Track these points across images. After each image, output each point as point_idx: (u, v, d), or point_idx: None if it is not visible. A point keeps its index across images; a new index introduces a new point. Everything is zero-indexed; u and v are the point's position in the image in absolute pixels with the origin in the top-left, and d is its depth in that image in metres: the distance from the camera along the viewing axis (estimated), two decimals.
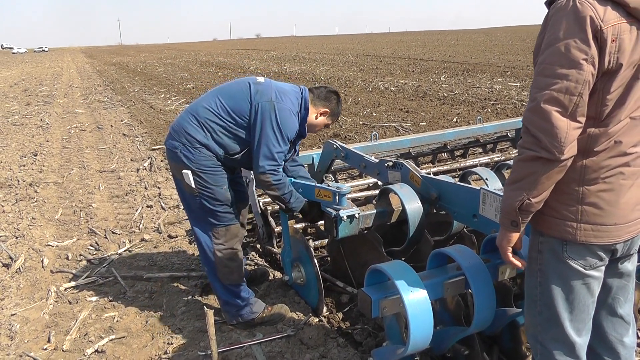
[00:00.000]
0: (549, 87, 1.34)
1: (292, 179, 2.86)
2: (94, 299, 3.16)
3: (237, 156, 2.60)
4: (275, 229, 3.55)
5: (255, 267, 3.41)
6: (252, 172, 2.75)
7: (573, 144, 1.36)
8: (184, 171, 2.52)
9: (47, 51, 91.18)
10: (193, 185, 2.53)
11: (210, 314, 2.33)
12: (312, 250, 2.84)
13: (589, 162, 1.43)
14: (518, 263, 1.61)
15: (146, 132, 8.67)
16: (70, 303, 3.13)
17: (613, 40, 1.31)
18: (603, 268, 1.54)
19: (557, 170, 1.38)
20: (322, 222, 2.87)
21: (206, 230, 2.65)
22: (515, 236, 1.55)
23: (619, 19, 1.32)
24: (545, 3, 1.47)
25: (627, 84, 1.38)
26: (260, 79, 2.64)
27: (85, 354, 2.59)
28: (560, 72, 1.33)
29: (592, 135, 1.41)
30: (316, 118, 2.73)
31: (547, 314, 1.58)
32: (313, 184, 2.76)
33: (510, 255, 1.59)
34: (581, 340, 1.60)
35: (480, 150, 5.33)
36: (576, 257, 1.49)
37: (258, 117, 2.48)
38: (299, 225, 3.50)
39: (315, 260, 2.76)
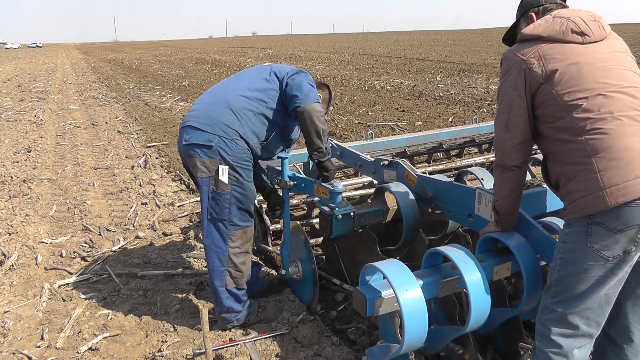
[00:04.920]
0: None
1: (294, 173, 2.85)
2: (88, 296, 3.15)
3: (265, 142, 2.63)
4: (270, 227, 3.55)
5: (268, 276, 3.26)
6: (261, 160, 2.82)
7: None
8: (221, 166, 2.45)
9: (41, 47, 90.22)
10: (226, 182, 2.46)
11: (204, 311, 2.33)
12: (311, 247, 2.84)
13: (588, 137, 1.53)
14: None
15: (141, 130, 8.63)
16: (64, 300, 3.12)
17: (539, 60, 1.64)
18: (626, 268, 1.54)
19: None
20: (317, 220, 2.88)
21: (222, 233, 2.55)
22: (494, 230, 1.96)
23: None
24: None
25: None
26: (268, 63, 2.77)
27: (79, 351, 2.58)
28: None
29: (577, 118, 1.56)
30: None
31: (560, 298, 1.63)
32: (313, 180, 2.77)
33: (482, 234, 2.04)
34: (587, 329, 1.61)
35: (476, 150, 5.35)
36: (600, 246, 1.51)
37: (292, 79, 2.59)
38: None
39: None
